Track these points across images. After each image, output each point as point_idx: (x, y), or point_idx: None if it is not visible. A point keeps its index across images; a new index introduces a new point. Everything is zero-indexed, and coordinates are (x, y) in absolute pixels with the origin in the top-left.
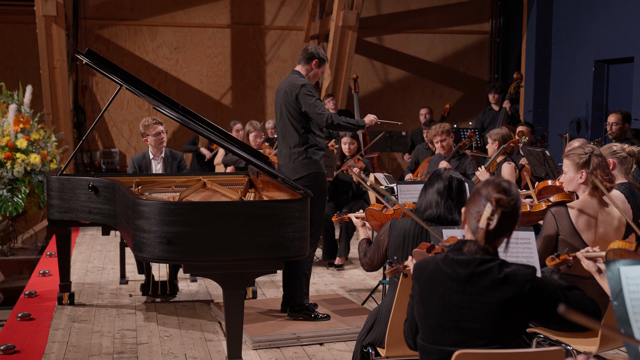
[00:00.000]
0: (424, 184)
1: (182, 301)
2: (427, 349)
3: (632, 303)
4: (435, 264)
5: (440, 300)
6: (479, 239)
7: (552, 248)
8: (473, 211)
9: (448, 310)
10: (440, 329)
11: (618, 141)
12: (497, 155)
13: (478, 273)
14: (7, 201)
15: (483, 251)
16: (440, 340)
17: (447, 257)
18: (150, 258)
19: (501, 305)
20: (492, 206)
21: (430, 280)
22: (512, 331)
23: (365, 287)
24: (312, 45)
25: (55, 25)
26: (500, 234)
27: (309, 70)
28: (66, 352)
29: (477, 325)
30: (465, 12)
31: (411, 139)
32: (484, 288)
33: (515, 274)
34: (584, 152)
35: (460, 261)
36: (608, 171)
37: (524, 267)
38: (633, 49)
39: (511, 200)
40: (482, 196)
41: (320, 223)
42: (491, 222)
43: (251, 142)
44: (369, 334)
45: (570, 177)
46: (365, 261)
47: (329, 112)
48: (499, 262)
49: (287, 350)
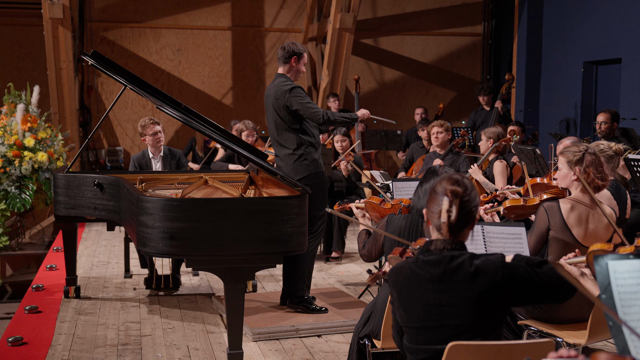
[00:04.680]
0: (420, 181)
1: (185, 294)
2: (414, 350)
3: (620, 297)
4: (408, 268)
5: (418, 303)
6: (444, 234)
7: (542, 243)
8: (434, 210)
9: (428, 310)
10: (423, 329)
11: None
12: (490, 153)
13: (450, 270)
14: (15, 198)
15: (451, 245)
16: (426, 340)
17: (418, 259)
18: (154, 253)
19: (478, 297)
20: (449, 198)
21: (406, 284)
22: (493, 321)
23: (362, 281)
24: (286, 42)
25: (61, 28)
26: (463, 225)
27: (290, 68)
28: (72, 344)
29: (459, 321)
30: (458, 15)
31: (406, 138)
32: (459, 283)
33: (486, 265)
34: (578, 150)
35: (431, 262)
36: (601, 169)
37: (492, 256)
38: (621, 51)
39: (465, 189)
40: (438, 193)
41: (324, 219)
42: (451, 214)
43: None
44: (366, 326)
45: (564, 174)
46: (363, 252)
47: (323, 110)
48: (468, 256)
49: (286, 341)
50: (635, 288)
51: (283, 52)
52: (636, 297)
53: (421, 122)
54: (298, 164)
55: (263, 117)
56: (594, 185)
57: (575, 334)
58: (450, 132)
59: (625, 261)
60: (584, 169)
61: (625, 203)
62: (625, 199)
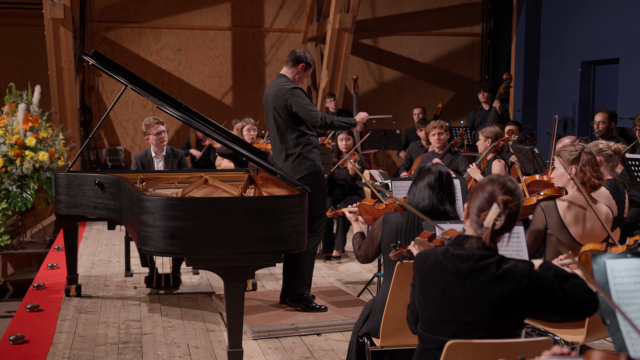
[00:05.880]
0: (413, 179)
1: (185, 293)
2: (427, 338)
3: (618, 295)
4: (436, 257)
5: (439, 293)
6: (484, 238)
7: (540, 242)
8: (477, 209)
9: (447, 303)
10: (439, 320)
11: (604, 139)
12: (488, 152)
13: (477, 269)
14: (17, 197)
15: (485, 248)
16: (439, 331)
17: (448, 251)
18: (154, 251)
19: (499, 300)
20: (500, 208)
21: (431, 273)
22: (509, 325)
23: (361, 280)
24: (300, 49)
25: (62, 28)
26: (503, 231)
27: (294, 73)
28: (73, 342)
29: (475, 319)
30: (457, 15)
31: (405, 137)
32: (483, 283)
33: (513, 270)
34: (574, 149)
35: (460, 256)
36: (597, 168)
37: (521, 262)
38: (618, 51)
39: (517, 201)
40: (486, 193)
41: (324, 218)
42: (497, 223)
43: (245, 135)
44: (365, 325)
45: (561, 173)
46: (360, 254)
47: (322, 113)
48: (498, 258)
49: (285, 340)
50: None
51: (294, 55)
52: (633, 296)
53: (420, 121)
54: (297, 163)
55: (263, 116)
56: (590, 184)
57: (573, 332)
58: (448, 132)
59: (622, 260)
60: (580, 168)
61: (623, 202)
62: (623, 198)
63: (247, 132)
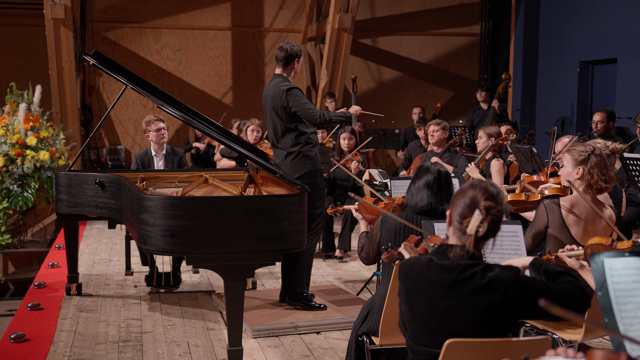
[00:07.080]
0: (412, 179)
1: (185, 292)
2: (415, 350)
3: (616, 294)
4: (420, 267)
5: (425, 305)
6: (468, 246)
7: (540, 240)
8: (460, 216)
9: (433, 314)
10: (426, 332)
11: (602, 139)
12: (487, 152)
13: (462, 279)
14: (18, 196)
15: (469, 256)
16: (427, 342)
17: (432, 261)
18: (155, 250)
19: (485, 309)
20: (482, 215)
21: (415, 284)
22: (497, 333)
23: (360, 279)
24: (285, 42)
25: (63, 28)
26: (487, 237)
27: (290, 70)
28: (74, 341)
29: (463, 330)
30: (456, 15)
31: (404, 137)
32: (468, 293)
33: (499, 279)
34: (584, 150)
35: (444, 267)
36: (606, 172)
37: (506, 270)
38: (616, 51)
39: (500, 206)
40: (467, 199)
41: (322, 217)
42: (480, 230)
43: (249, 135)
44: (364, 324)
45: (568, 172)
46: (362, 255)
47: (320, 111)
48: (482, 267)
49: (285, 338)
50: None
51: (284, 53)
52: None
53: (419, 121)
54: (296, 162)
55: (262, 116)
56: (597, 187)
57: (571, 331)
58: (447, 131)
59: (620, 259)
60: (589, 169)
61: (620, 201)
62: (620, 197)
63: (251, 133)
